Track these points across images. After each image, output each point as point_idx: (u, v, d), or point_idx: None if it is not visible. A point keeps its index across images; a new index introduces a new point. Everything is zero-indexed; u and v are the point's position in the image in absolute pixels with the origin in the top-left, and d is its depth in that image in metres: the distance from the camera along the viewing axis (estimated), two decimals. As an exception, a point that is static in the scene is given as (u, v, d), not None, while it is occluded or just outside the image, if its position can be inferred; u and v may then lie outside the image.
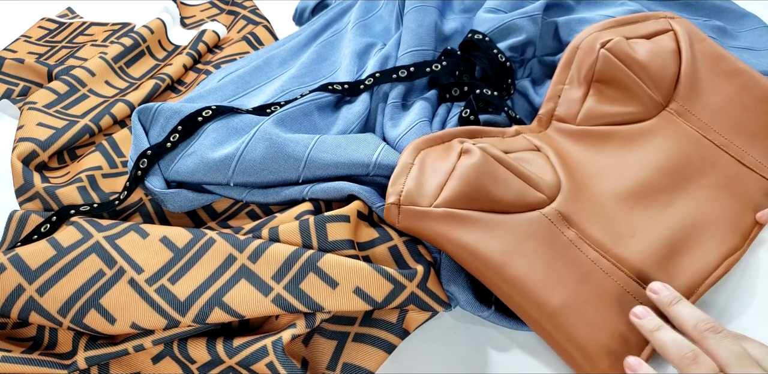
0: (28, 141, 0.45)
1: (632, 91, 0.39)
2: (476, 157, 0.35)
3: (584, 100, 0.41)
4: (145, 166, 0.41)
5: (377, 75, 0.46)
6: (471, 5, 0.53)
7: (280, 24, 0.61)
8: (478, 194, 0.35)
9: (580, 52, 0.42)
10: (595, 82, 0.41)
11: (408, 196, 0.35)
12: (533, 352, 0.36)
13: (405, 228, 0.36)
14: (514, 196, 0.35)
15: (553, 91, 0.42)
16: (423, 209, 0.35)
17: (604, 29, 0.42)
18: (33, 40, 0.60)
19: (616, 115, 0.40)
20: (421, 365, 0.35)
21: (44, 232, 0.39)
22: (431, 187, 0.35)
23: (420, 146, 0.38)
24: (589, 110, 0.40)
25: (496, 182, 0.35)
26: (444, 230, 0.34)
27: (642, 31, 0.42)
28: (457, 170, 0.35)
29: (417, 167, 0.37)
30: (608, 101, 0.40)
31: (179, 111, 0.43)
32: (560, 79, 0.42)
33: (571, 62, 0.42)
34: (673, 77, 0.40)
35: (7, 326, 0.36)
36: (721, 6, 0.55)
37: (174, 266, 0.34)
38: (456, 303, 0.36)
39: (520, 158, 0.38)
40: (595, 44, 0.41)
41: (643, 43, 0.41)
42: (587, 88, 0.41)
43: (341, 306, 0.33)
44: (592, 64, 0.40)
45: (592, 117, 0.40)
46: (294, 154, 0.39)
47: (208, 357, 0.33)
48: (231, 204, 0.43)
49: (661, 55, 0.40)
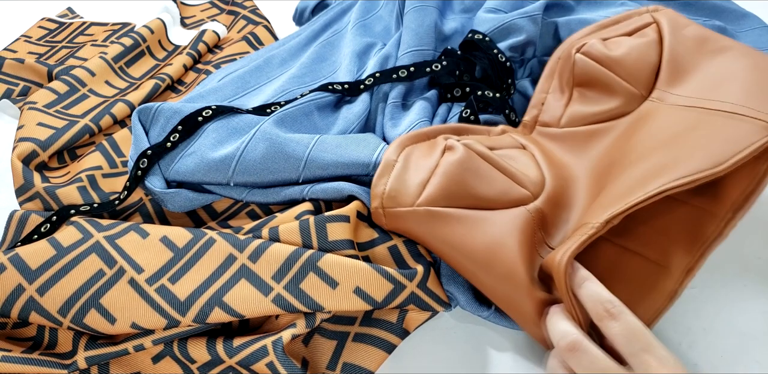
0: (28, 141, 0.45)
1: (611, 88, 0.40)
2: (459, 153, 0.35)
3: (567, 105, 0.41)
4: (145, 166, 0.41)
5: (377, 75, 0.46)
6: (471, 5, 0.53)
7: (280, 24, 0.61)
8: (461, 191, 0.35)
9: (561, 61, 0.42)
10: (576, 86, 0.41)
11: (390, 197, 0.35)
12: (533, 352, 0.36)
13: (392, 229, 0.36)
14: (497, 192, 0.35)
15: (537, 100, 0.43)
16: (405, 209, 0.35)
17: (584, 36, 0.42)
18: (33, 40, 0.60)
19: (597, 114, 0.40)
20: (421, 365, 0.35)
21: (44, 232, 0.39)
22: (414, 185, 0.35)
23: (405, 143, 0.38)
24: (572, 113, 0.41)
25: (480, 179, 0.35)
26: (427, 229, 0.34)
27: (623, 30, 0.42)
28: (440, 167, 0.35)
29: (401, 163, 0.37)
30: (590, 102, 0.41)
31: (179, 111, 0.43)
32: (543, 88, 0.43)
33: (553, 73, 0.43)
34: (653, 67, 0.39)
35: (7, 326, 0.36)
36: (721, 6, 0.55)
37: (174, 266, 0.35)
38: (456, 303, 0.36)
39: (505, 155, 0.38)
40: (572, 51, 0.41)
41: (622, 40, 0.41)
42: (570, 94, 0.42)
43: (341, 306, 0.33)
44: (571, 69, 0.41)
45: (575, 119, 0.41)
46: (294, 154, 0.39)
47: (208, 356, 0.33)
48: (231, 204, 0.43)
49: (638, 48, 0.40)
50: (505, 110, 0.44)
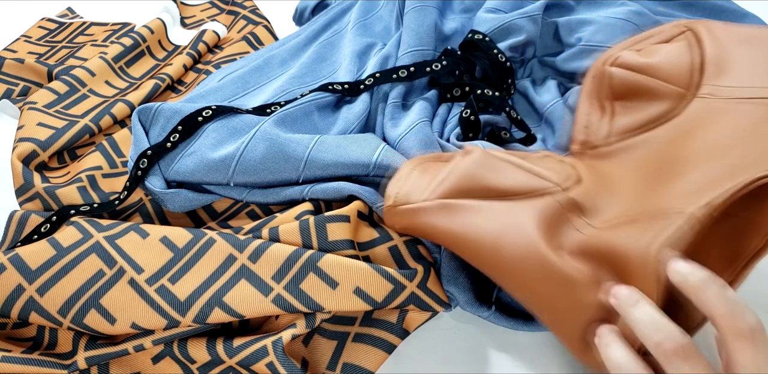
0: (28, 141, 0.45)
1: (653, 93, 0.38)
2: (476, 154, 0.35)
3: (612, 121, 0.40)
4: (145, 166, 0.41)
5: (377, 75, 0.46)
6: (471, 5, 0.53)
7: (280, 24, 0.61)
8: (475, 184, 0.34)
9: (596, 79, 0.41)
10: (616, 100, 0.40)
11: (403, 195, 0.35)
12: (533, 352, 0.36)
13: (403, 229, 0.36)
14: (515, 183, 0.34)
15: (581, 123, 0.41)
16: (417, 205, 0.34)
17: (617, 51, 0.42)
18: (33, 40, 0.60)
19: (645, 122, 0.38)
20: (421, 365, 0.35)
21: (44, 232, 0.39)
22: (428, 185, 0.35)
23: (425, 159, 0.38)
24: (620, 127, 0.39)
25: (496, 173, 0.34)
26: (440, 221, 0.33)
27: (657, 40, 0.42)
28: (455, 166, 0.35)
29: (417, 171, 0.37)
30: (634, 112, 0.39)
31: (179, 111, 0.43)
32: (584, 110, 0.41)
33: (591, 93, 0.42)
34: (696, 65, 0.39)
35: (7, 326, 0.36)
36: (721, 6, 0.55)
37: (174, 266, 0.34)
38: (456, 304, 0.36)
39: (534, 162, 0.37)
40: (605, 66, 0.40)
41: (657, 47, 0.40)
42: (612, 110, 0.40)
43: (341, 306, 0.33)
44: (609, 84, 0.40)
45: (622, 132, 0.39)
46: (294, 154, 0.39)
47: (208, 357, 0.33)
48: (231, 204, 0.43)
49: (676, 50, 0.39)
50: (506, 108, 0.44)
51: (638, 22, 0.47)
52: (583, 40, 0.47)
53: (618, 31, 0.46)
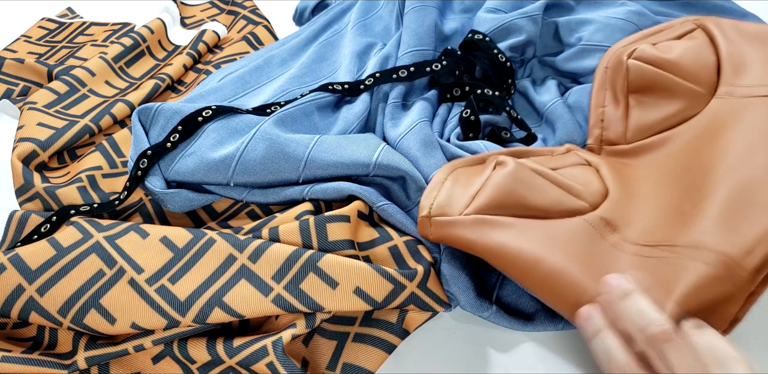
0: (28, 141, 0.45)
1: (670, 90, 0.38)
2: (511, 166, 0.35)
3: (627, 115, 0.40)
4: (145, 166, 0.41)
5: (377, 75, 0.46)
6: (471, 5, 0.53)
7: (280, 24, 0.61)
8: (510, 200, 0.34)
9: (610, 70, 0.41)
10: (632, 93, 0.40)
11: (438, 207, 0.35)
12: (533, 353, 0.36)
13: (437, 239, 0.35)
14: (550, 202, 0.34)
15: (596, 116, 0.41)
16: (452, 218, 0.34)
17: (629, 43, 0.41)
18: (33, 40, 0.60)
19: (662, 120, 0.38)
20: (421, 365, 0.35)
21: (44, 232, 0.39)
22: (463, 197, 0.35)
23: (456, 165, 0.38)
24: (636, 124, 0.39)
25: (531, 190, 0.34)
26: (474, 235, 0.33)
27: (670, 36, 0.41)
28: (490, 179, 0.35)
29: (450, 181, 0.36)
30: (650, 108, 0.39)
31: (179, 111, 0.43)
32: (599, 103, 0.41)
33: (604, 83, 0.41)
34: (712, 65, 0.38)
35: (7, 326, 0.36)
36: (721, 6, 0.55)
37: (174, 266, 0.34)
38: (456, 304, 0.36)
39: (566, 173, 0.37)
40: (622, 57, 0.40)
41: (673, 43, 0.40)
42: (626, 102, 0.40)
43: (341, 306, 0.33)
44: (624, 76, 0.39)
45: (641, 130, 0.39)
46: (294, 154, 0.39)
47: (208, 357, 0.33)
48: (231, 204, 0.43)
49: (693, 48, 0.39)
50: (506, 108, 0.44)
51: (638, 22, 0.47)
52: (583, 39, 0.47)
53: (618, 31, 0.46)
